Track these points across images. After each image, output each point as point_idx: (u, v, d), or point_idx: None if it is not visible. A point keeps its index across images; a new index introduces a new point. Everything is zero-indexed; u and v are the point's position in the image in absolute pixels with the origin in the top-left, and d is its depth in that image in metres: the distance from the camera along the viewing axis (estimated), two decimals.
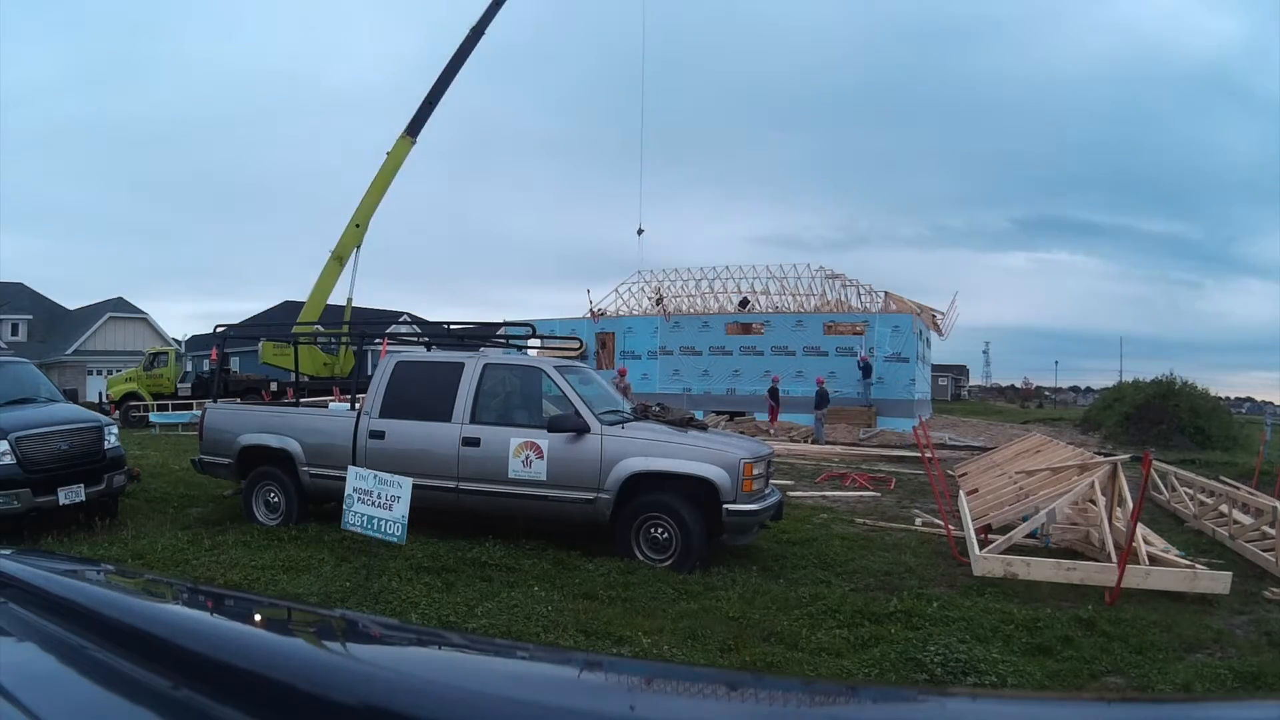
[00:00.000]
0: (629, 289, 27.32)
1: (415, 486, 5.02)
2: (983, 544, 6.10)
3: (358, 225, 22.36)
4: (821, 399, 18.78)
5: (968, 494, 8.31)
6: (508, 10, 22.44)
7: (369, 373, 9.32)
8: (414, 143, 22.61)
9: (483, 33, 22.54)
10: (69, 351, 37.41)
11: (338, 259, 22.39)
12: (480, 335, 8.80)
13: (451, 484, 6.42)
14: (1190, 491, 8.84)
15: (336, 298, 23.11)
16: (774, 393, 20.04)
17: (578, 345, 10.96)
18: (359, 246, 22.63)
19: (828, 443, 17.79)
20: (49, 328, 40.20)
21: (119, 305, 40.37)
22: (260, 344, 20.75)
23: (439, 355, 7.49)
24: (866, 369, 21.25)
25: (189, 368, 26.07)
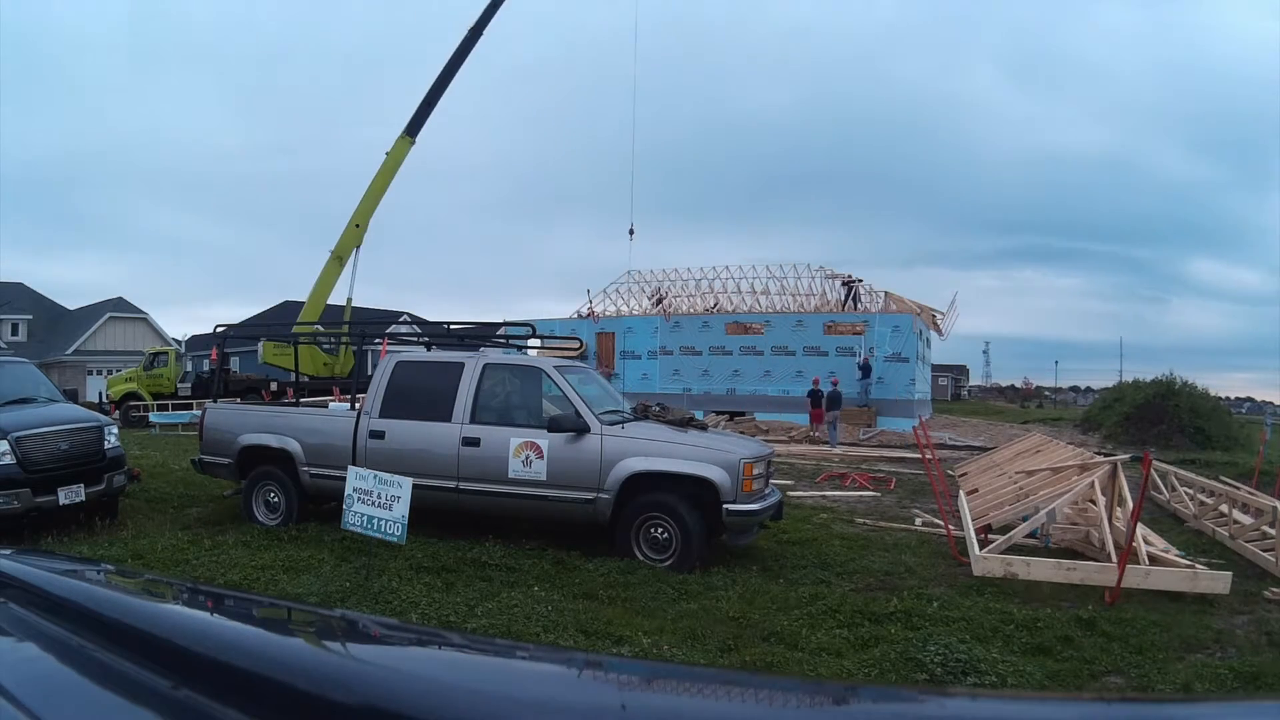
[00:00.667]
0: (616, 289, 27.38)
1: (415, 486, 5.03)
2: (983, 544, 6.10)
3: (357, 225, 22.34)
4: (834, 400, 18.46)
5: (968, 494, 8.31)
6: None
7: (369, 373, 9.32)
8: (413, 143, 22.60)
9: (481, 33, 22.52)
10: (69, 351, 37.40)
11: (338, 259, 22.38)
12: (480, 335, 8.81)
13: (451, 484, 6.42)
14: (1190, 491, 8.84)
15: (336, 297, 23.13)
16: (815, 395, 19.28)
17: (578, 345, 10.96)
18: (359, 246, 22.61)
19: (840, 444, 17.64)
20: (49, 328, 40.19)
21: (119, 305, 40.37)
22: (260, 344, 20.75)
23: (439, 355, 7.49)
24: (866, 369, 21.07)
25: (189, 368, 26.07)
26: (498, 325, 10.42)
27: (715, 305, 25.47)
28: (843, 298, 24.45)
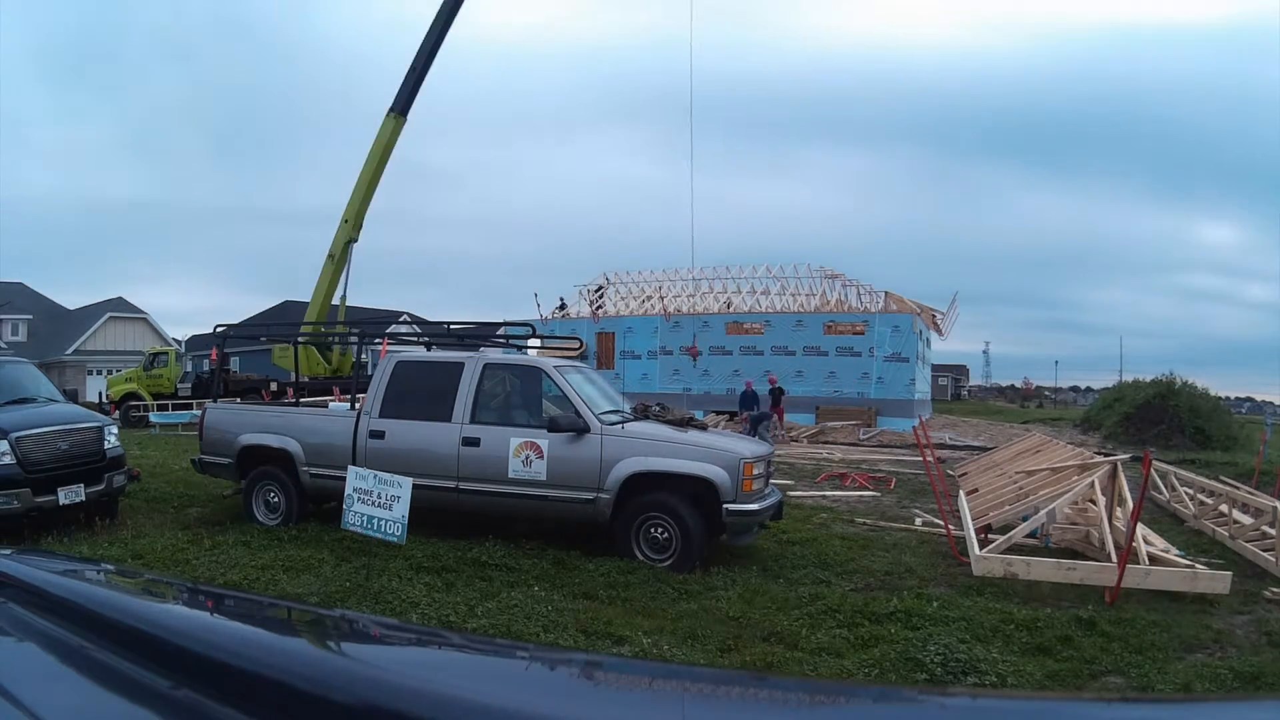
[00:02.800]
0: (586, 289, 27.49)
1: (415, 486, 5.03)
2: (983, 544, 6.10)
3: (346, 221, 21.64)
4: (749, 401, 17.69)
5: (968, 494, 8.31)
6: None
7: (369, 373, 9.32)
8: (404, 121, 20.56)
9: None
10: (69, 351, 37.40)
11: (331, 258, 22.10)
12: (480, 335, 8.81)
13: (451, 484, 6.42)
14: (1190, 491, 8.84)
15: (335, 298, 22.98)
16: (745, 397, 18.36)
17: (578, 345, 10.96)
18: (353, 243, 21.98)
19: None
20: (49, 328, 40.18)
21: (119, 305, 40.37)
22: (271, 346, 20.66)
23: (439, 355, 7.50)
24: (749, 398, 18.07)
25: (189, 368, 26.06)
26: (498, 325, 10.41)
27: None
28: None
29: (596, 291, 26.92)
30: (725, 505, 5.81)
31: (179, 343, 36.43)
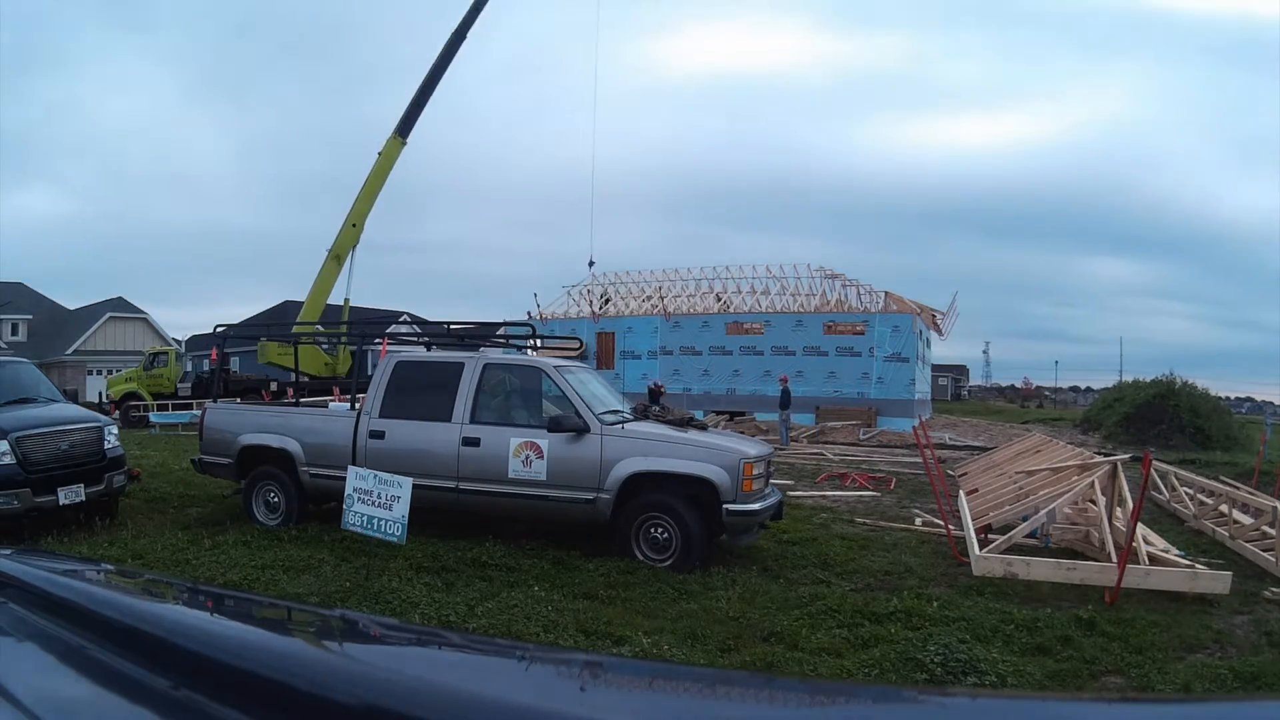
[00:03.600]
0: (579, 290, 27.52)
1: (415, 486, 5.03)
2: (983, 544, 6.10)
3: (354, 225, 22.31)
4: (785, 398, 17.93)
5: (968, 494, 8.31)
6: None
7: (369, 373, 9.31)
8: (405, 144, 22.57)
9: (465, 35, 22.56)
10: (69, 351, 37.40)
11: (335, 259, 22.34)
12: (480, 335, 8.80)
13: (451, 484, 6.41)
14: (1190, 491, 8.84)
15: (334, 297, 23.10)
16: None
17: (578, 345, 10.96)
18: (355, 246, 22.57)
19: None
20: (49, 328, 40.18)
21: (119, 305, 40.38)
22: (259, 344, 20.72)
23: (439, 355, 7.49)
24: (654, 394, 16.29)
25: (189, 367, 26.07)
26: (498, 325, 10.41)
27: (721, 304, 25.35)
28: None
29: (602, 298, 26.94)
30: (725, 505, 5.81)
31: (179, 342, 36.45)
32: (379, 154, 22.50)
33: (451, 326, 8.79)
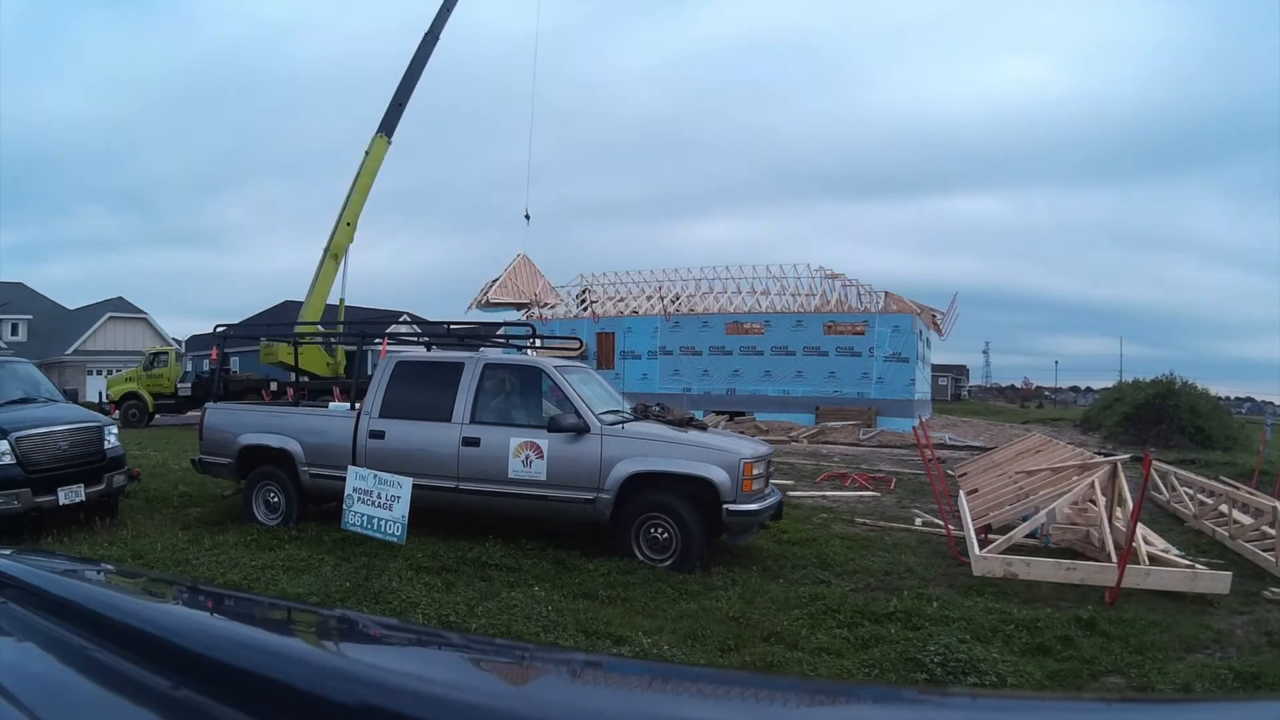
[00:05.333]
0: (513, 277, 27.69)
1: (415, 486, 5.03)
2: (983, 544, 6.10)
3: (348, 224, 22.35)
4: None
5: (968, 494, 8.30)
6: None
7: (369, 373, 9.32)
8: (390, 143, 22.66)
9: (438, 36, 22.68)
10: (69, 351, 37.41)
11: (334, 258, 22.37)
12: (480, 335, 8.81)
13: (451, 484, 6.42)
14: (1190, 491, 8.83)
15: (331, 297, 23.07)
16: None
17: (578, 345, 10.96)
18: (349, 244, 22.60)
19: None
20: (49, 328, 40.19)
21: (119, 305, 40.39)
22: (263, 344, 20.72)
23: (439, 355, 7.49)
24: None
25: (189, 367, 26.04)
26: (498, 325, 10.42)
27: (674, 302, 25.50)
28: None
29: (580, 296, 27.15)
30: (725, 505, 5.81)
31: (179, 342, 36.42)
32: (365, 153, 22.56)
33: (451, 326, 8.80)
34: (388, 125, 22.62)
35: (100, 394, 26.84)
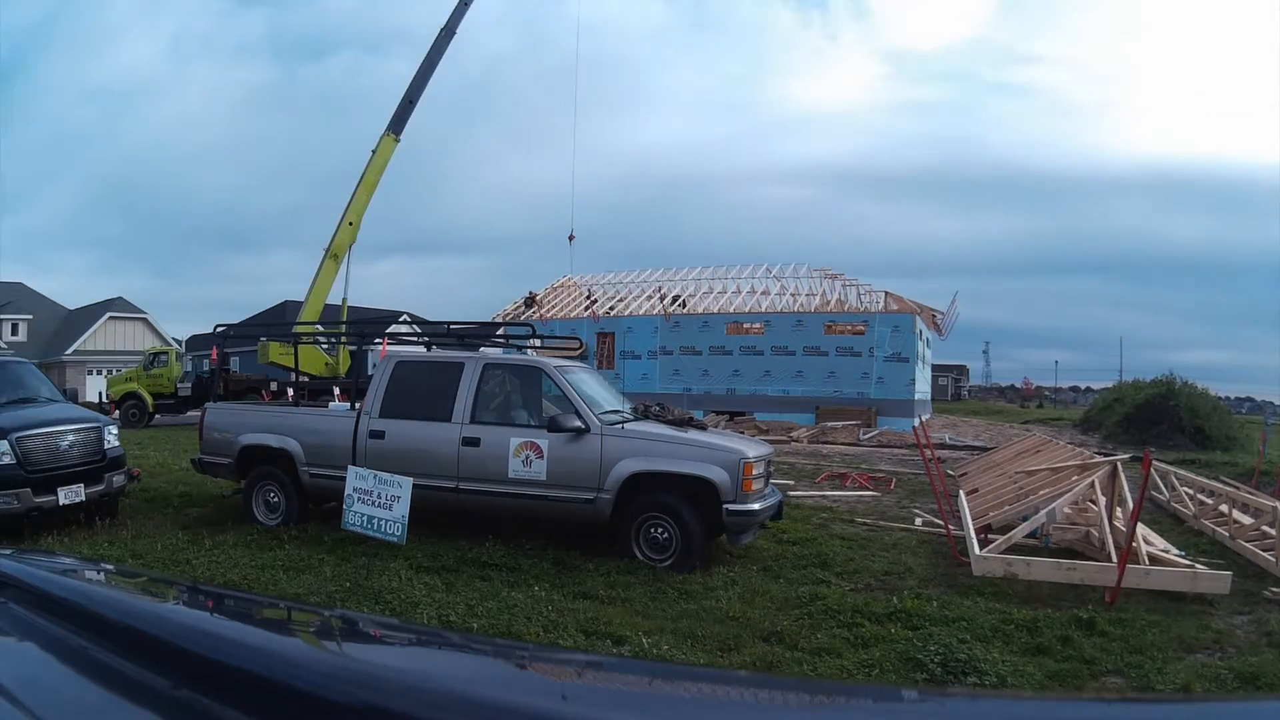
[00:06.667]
0: (557, 293, 27.69)
1: (415, 486, 5.03)
2: (983, 544, 6.10)
3: (351, 223, 22.28)
4: None
5: (968, 494, 8.30)
6: None
7: (369, 373, 9.31)
8: (399, 140, 22.59)
9: (454, 32, 22.65)
10: (69, 351, 37.40)
11: (334, 258, 22.33)
12: (480, 335, 8.81)
13: (451, 484, 6.41)
14: (1190, 491, 8.83)
15: (332, 296, 23.08)
16: None
17: (578, 345, 10.96)
18: (352, 244, 22.56)
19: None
20: (49, 328, 40.20)
21: (119, 305, 40.38)
22: (260, 343, 20.71)
23: (439, 355, 7.49)
24: None
25: (189, 367, 26.04)
26: (498, 325, 10.42)
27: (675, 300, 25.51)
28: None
29: (527, 301, 27.26)
30: (725, 505, 5.81)
31: (179, 342, 36.44)
32: (373, 151, 22.48)
33: (451, 326, 8.79)
34: (397, 123, 22.50)
35: (100, 394, 26.79)
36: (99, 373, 35.39)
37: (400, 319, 31.90)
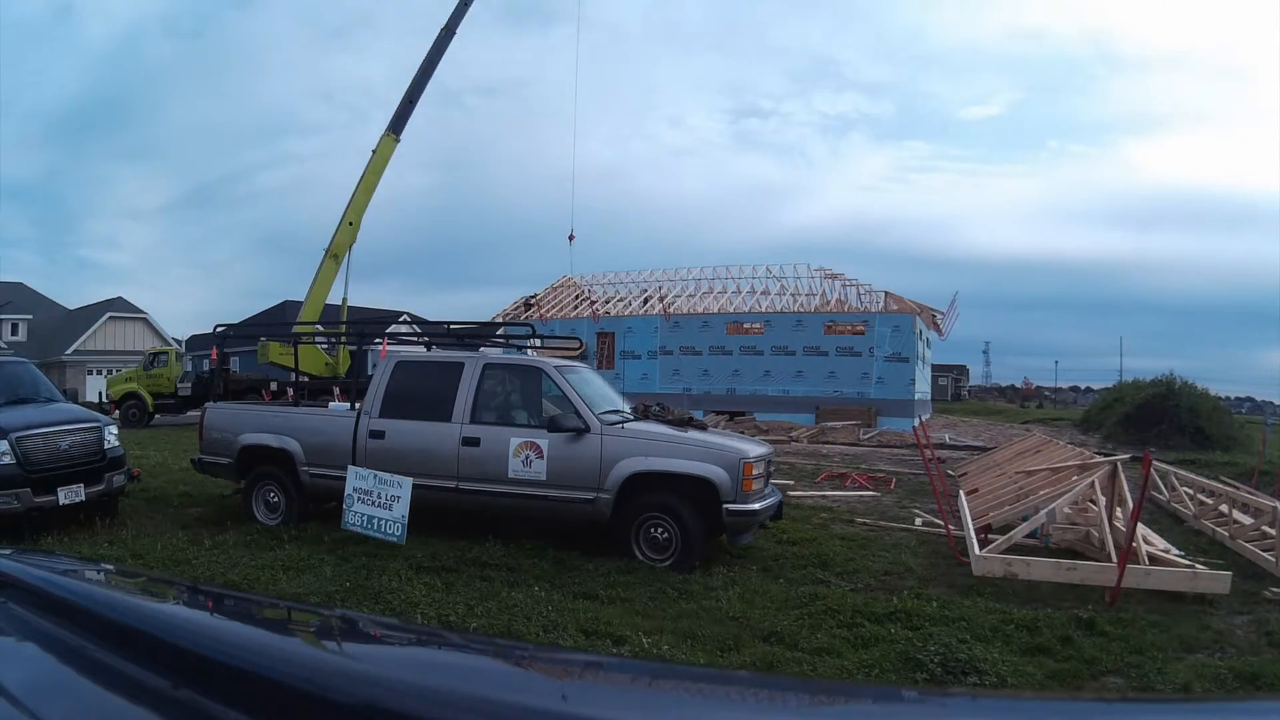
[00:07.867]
0: (556, 293, 27.76)
1: (415, 486, 5.04)
2: (983, 544, 6.10)
3: (350, 223, 22.31)
4: None
5: (968, 494, 8.31)
6: None
7: (369, 373, 9.31)
8: (398, 140, 22.64)
9: (454, 31, 22.69)
10: (69, 351, 37.40)
11: (334, 258, 22.34)
12: (480, 335, 8.80)
13: (451, 484, 6.41)
14: (1190, 491, 8.84)
15: (333, 296, 23.08)
16: None
17: (578, 345, 10.96)
18: (352, 244, 22.59)
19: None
20: (49, 328, 40.20)
21: (119, 305, 40.38)
22: (260, 343, 20.71)
23: (439, 355, 7.49)
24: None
25: (189, 367, 26.04)
26: (498, 325, 10.42)
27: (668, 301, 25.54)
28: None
29: (525, 305, 27.33)
30: (725, 505, 5.81)
31: (179, 342, 36.43)
32: (373, 151, 22.52)
33: (451, 326, 8.79)
34: (397, 123, 22.55)
35: (100, 394, 26.81)
36: (99, 373, 35.41)
37: (400, 319, 31.90)
